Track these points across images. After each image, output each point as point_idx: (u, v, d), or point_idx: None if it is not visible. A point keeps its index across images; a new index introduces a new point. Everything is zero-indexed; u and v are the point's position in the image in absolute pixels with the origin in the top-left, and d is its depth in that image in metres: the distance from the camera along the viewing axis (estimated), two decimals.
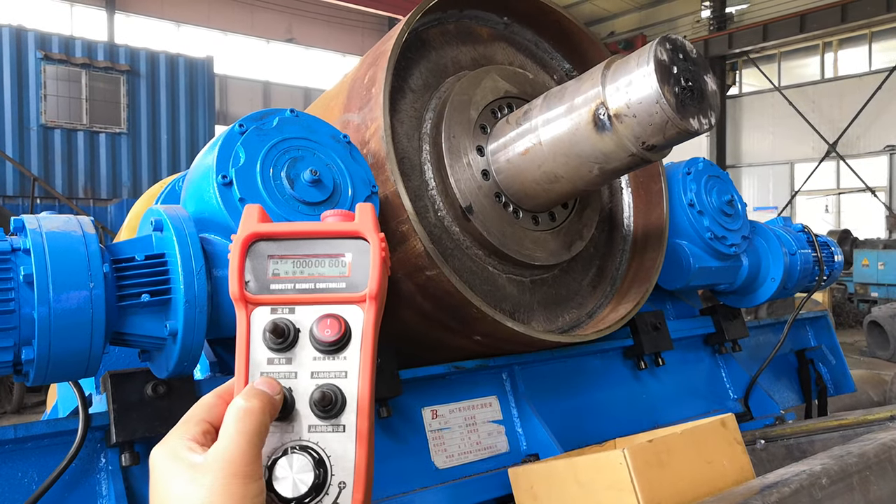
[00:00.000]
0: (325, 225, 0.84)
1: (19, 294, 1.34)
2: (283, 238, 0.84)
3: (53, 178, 14.65)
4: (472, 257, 2.29)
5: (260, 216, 0.84)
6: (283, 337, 0.81)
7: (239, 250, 0.83)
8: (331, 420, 0.80)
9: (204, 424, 0.79)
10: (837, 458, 1.85)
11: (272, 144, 1.71)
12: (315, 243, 0.83)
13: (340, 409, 0.80)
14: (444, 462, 2.17)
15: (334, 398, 0.79)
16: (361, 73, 2.17)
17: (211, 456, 0.75)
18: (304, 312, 0.83)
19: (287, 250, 0.84)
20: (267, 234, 0.84)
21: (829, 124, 25.14)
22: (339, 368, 0.81)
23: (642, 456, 1.80)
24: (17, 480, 1.61)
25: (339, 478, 0.78)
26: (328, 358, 0.81)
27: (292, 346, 0.82)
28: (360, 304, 0.82)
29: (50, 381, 1.45)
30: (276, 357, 0.82)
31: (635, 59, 1.97)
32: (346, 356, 0.81)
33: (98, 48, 15.42)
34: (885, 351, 11.59)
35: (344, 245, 0.83)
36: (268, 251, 0.84)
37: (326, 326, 0.81)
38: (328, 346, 0.81)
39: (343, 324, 0.81)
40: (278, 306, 0.83)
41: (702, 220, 2.84)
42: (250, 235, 0.83)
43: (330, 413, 0.79)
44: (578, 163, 2.15)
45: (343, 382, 0.80)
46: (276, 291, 0.83)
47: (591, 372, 2.71)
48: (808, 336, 3.75)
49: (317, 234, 0.84)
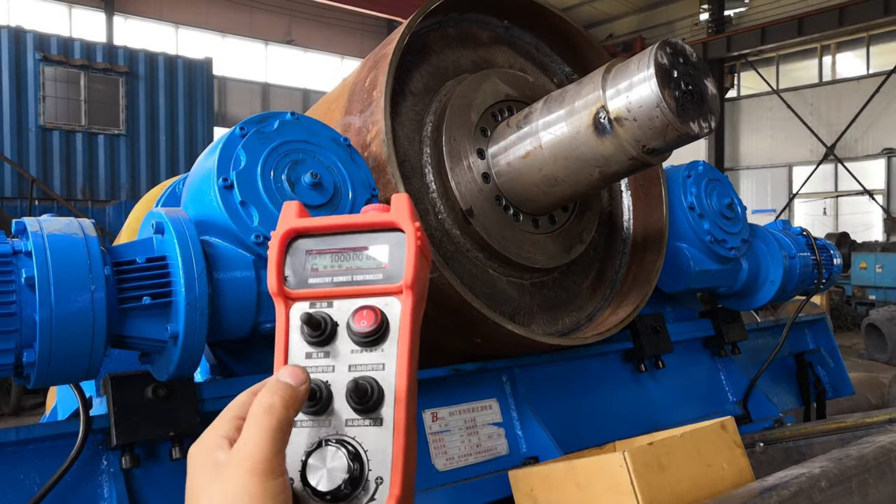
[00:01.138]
0: (360, 217, 0.83)
1: (21, 296, 1.34)
2: (321, 233, 0.84)
3: (52, 179, 14.62)
4: (473, 260, 2.29)
5: (298, 212, 0.85)
6: (321, 330, 0.80)
7: (277, 246, 0.83)
8: (368, 414, 0.78)
9: (237, 421, 0.78)
10: (836, 461, 1.85)
11: (273, 147, 1.72)
12: (352, 237, 0.83)
13: (378, 401, 0.78)
14: (444, 464, 2.17)
15: (370, 390, 0.78)
16: (362, 76, 2.17)
17: (232, 454, 0.74)
18: (342, 306, 0.82)
19: (324, 245, 0.84)
20: (304, 230, 0.84)
21: (827, 127, 25.18)
22: (376, 361, 0.80)
23: (642, 458, 1.80)
24: (19, 482, 1.61)
25: (377, 472, 0.76)
26: (366, 350, 0.80)
27: (330, 339, 0.81)
28: (397, 294, 0.81)
29: (51, 384, 1.45)
30: (314, 351, 0.81)
31: (635, 62, 1.97)
32: (384, 348, 0.80)
33: (97, 50, 15.39)
34: (882, 354, 11.61)
35: (380, 237, 0.82)
36: (306, 246, 0.84)
37: (363, 318, 0.80)
38: (364, 338, 0.80)
39: (379, 315, 0.80)
40: (316, 300, 0.83)
41: (702, 224, 2.84)
42: (289, 231, 0.83)
43: (366, 405, 0.78)
44: (579, 166, 2.15)
45: (380, 374, 0.79)
46: (314, 286, 0.83)
47: (591, 374, 2.71)
48: (806, 339, 3.75)
49: (353, 227, 0.83)
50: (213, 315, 1.54)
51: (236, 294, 1.59)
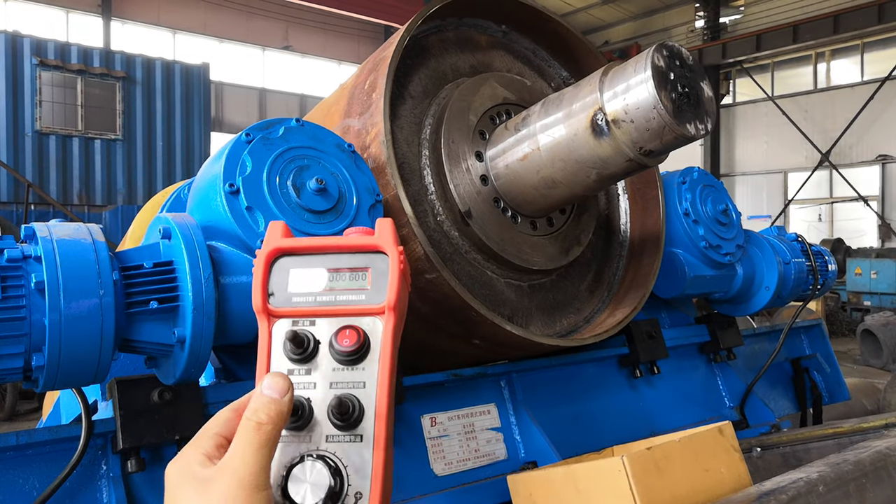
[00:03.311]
0: (345, 239, 0.86)
1: (30, 301, 1.36)
2: (306, 253, 0.86)
3: (48, 184, 14.61)
4: (471, 262, 2.31)
5: (283, 232, 0.87)
6: (303, 347, 0.83)
7: (263, 264, 0.86)
8: (348, 430, 0.80)
9: (217, 438, 0.80)
10: (834, 465, 1.86)
11: (278, 153, 1.74)
12: (336, 257, 0.86)
13: (358, 418, 0.80)
14: (442, 469, 2.18)
15: (352, 407, 0.80)
16: (362, 79, 2.19)
17: (218, 468, 0.76)
18: (325, 324, 0.85)
19: (309, 264, 0.86)
20: (290, 249, 0.86)
21: (821, 134, 25.27)
22: (357, 379, 0.82)
23: (641, 463, 1.81)
24: (18, 487, 1.61)
25: (356, 487, 0.78)
26: (347, 368, 0.83)
27: (312, 357, 0.84)
28: (379, 315, 0.84)
29: (59, 388, 1.46)
30: (296, 368, 0.84)
31: (633, 65, 1.99)
32: (365, 367, 0.83)
33: (94, 54, 15.40)
34: (878, 359, 11.65)
35: (364, 259, 0.85)
36: (290, 265, 0.86)
37: (345, 336, 0.82)
38: (346, 357, 0.82)
39: (361, 334, 0.82)
40: (299, 318, 0.85)
41: (697, 229, 2.86)
42: (274, 250, 0.86)
43: (347, 422, 0.80)
44: (576, 168, 2.17)
45: (361, 392, 0.82)
46: (298, 304, 0.85)
47: (588, 380, 2.72)
48: (802, 344, 3.77)
49: (338, 249, 0.86)
50: (219, 319, 1.55)
51: (242, 299, 1.60)
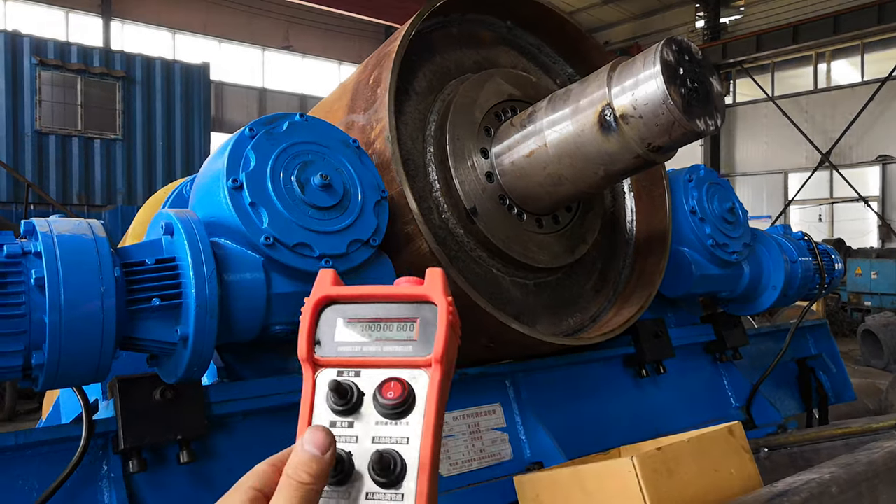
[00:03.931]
0: (393, 288, 0.84)
1: (30, 298, 1.33)
2: (354, 301, 0.84)
3: (48, 184, 14.58)
4: (476, 259, 2.28)
5: (332, 280, 0.85)
6: (346, 399, 0.80)
7: (310, 312, 0.84)
8: (390, 488, 0.77)
9: (252, 492, 0.77)
10: (846, 466, 1.84)
11: (282, 149, 1.71)
12: (384, 307, 0.83)
13: (400, 475, 0.77)
14: (448, 470, 2.16)
15: (394, 463, 0.77)
16: (366, 74, 2.16)
17: None
18: (370, 375, 0.82)
19: (356, 313, 0.84)
20: (338, 297, 0.84)
21: (822, 134, 25.26)
22: (400, 434, 0.79)
23: (651, 464, 1.79)
24: (18, 488, 1.59)
25: None
26: (391, 423, 0.80)
27: (356, 409, 0.81)
28: (426, 368, 0.81)
29: (59, 386, 1.43)
30: (339, 420, 0.81)
31: (641, 60, 1.97)
32: (409, 421, 0.80)
33: (94, 54, 15.37)
34: (879, 360, 11.62)
35: (412, 309, 0.83)
36: (337, 314, 0.84)
37: (389, 389, 0.80)
38: (390, 410, 0.80)
39: (406, 387, 0.80)
40: (344, 368, 0.83)
41: (703, 228, 2.84)
42: (322, 298, 0.84)
43: (388, 479, 0.77)
44: (584, 164, 2.15)
45: (404, 448, 0.79)
46: (343, 353, 0.83)
47: (593, 380, 2.70)
48: (808, 344, 3.75)
49: (386, 298, 0.84)
50: (222, 317, 1.53)
51: (246, 296, 1.57)
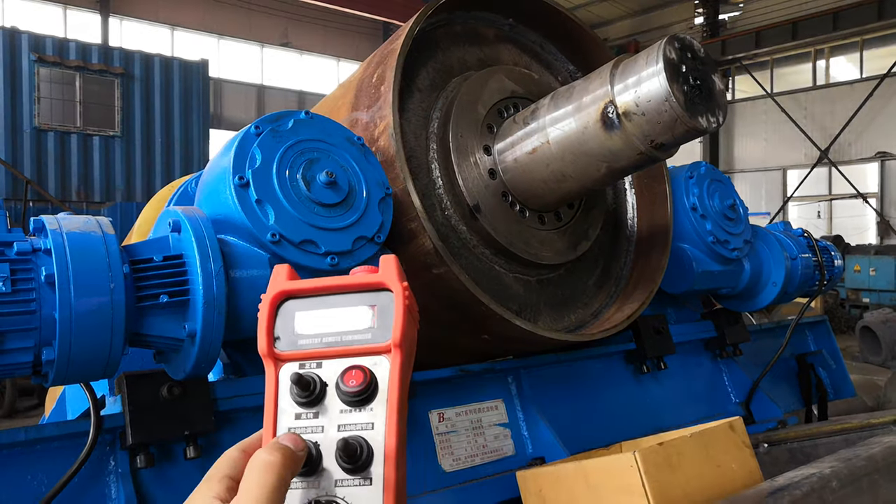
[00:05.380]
0: (348, 278, 0.85)
1: (40, 294, 1.34)
2: (310, 294, 0.85)
3: (46, 181, 14.57)
4: (479, 256, 2.30)
5: (288, 274, 0.86)
6: (310, 391, 0.81)
7: (268, 308, 0.85)
8: (358, 474, 0.79)
9: (227, 481, 0.78)
10: (846, 461, 1.86)
11: (288, 146, 1.72)
12: (340, 297, 0.85)
13: (367, 461, 0.79)
14: (451, 465, 2.17)
15: (360, 449, 0.78)
16: (369, 72, 2.17)
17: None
18: (331, 366, 0.83)
19: (314, 306, 0.85)
20: (294, 291, 0.85)
21: (821, 131, 25.27)
22: (365, 420, 0.81)
23: (653, 459, 1.80)
24: (27, 483, 1.60)
25: None
26: (355, 410, 0.81)
27: (319, 400, 0.82)
28: (385, 353, 0.82)
29: (69, 382, 1.44)
30: (304, 412, 0.82)
31: (644, 57, 1.98)
32: (373, 407, 0.81)
33: (92, 51, 15.35)
34: (877, 356, 11.65)
35: (368, 297, 0.84)
36: (295, 308, 0.85)
37: (351, 377, 0.81)
38: (353, 398, 0.81)
39: (368, 374, 0.81)
40: (306, 361, 0.84)
41: (704, 224, 2.85)
42: (278, 294, 0.85)
43: (356, 465, 0.78)
44: (586, 161, 2.16)
45: (370, 434, 0.80)
46: (304, 346, 0.84)
47: (595, 375, 2.72)
48: (808, 340, 3.76)
49: (341, 288, 0.85)
50: (229, 314, 1.53)
51: (253, 293, 1.58)
